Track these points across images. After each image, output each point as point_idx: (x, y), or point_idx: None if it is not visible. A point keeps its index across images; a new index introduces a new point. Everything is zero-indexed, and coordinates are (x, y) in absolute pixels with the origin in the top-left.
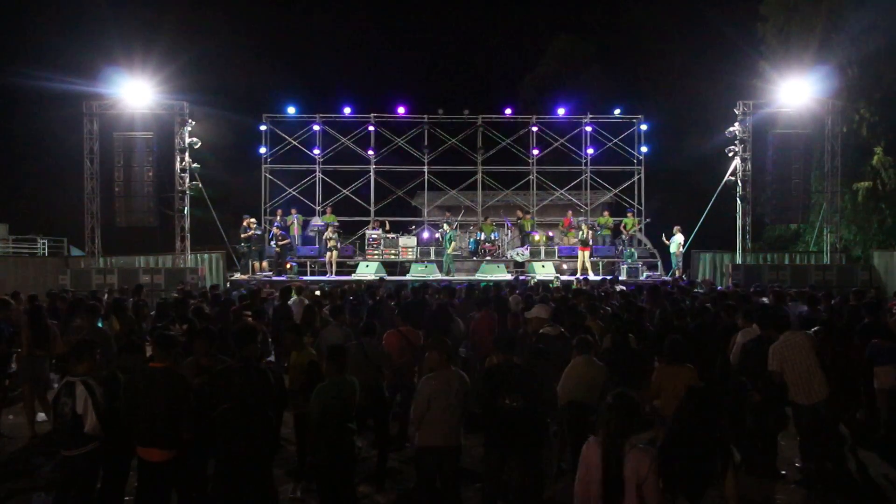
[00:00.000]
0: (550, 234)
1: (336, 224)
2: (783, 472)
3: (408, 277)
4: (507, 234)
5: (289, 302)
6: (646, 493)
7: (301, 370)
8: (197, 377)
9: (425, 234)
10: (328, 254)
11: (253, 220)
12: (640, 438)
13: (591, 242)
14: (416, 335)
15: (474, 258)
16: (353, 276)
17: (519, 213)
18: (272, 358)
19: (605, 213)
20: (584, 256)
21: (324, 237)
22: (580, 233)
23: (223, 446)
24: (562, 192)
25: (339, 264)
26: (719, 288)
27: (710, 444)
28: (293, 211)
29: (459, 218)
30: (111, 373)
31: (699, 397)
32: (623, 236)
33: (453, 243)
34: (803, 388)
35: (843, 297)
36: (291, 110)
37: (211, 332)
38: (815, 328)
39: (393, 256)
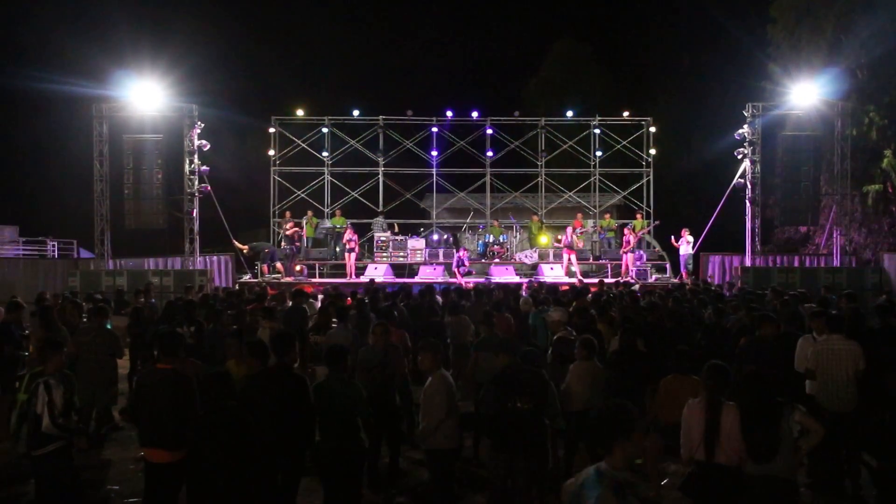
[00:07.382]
0: (559, 238)
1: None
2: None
3: (416, 280)
4: (515, 237)
5: (303, 304)
6: (733, 438)
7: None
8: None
9: (434, 237)
10: (349, 255)
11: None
12: None
13: (575, 246)
14: (400, 335)
15: (483, 260)
16: (362, 279)
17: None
18: None
19: (607, 217)
20: (569, 259)
21: (343, 240)
22: (563, 237)
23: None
24: (570, 194)
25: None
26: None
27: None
28: (309, 213)
29: (468, 220)
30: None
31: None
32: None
33: None
34: (832, 395)
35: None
36: (300, 113)
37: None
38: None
39: (402, 259)
